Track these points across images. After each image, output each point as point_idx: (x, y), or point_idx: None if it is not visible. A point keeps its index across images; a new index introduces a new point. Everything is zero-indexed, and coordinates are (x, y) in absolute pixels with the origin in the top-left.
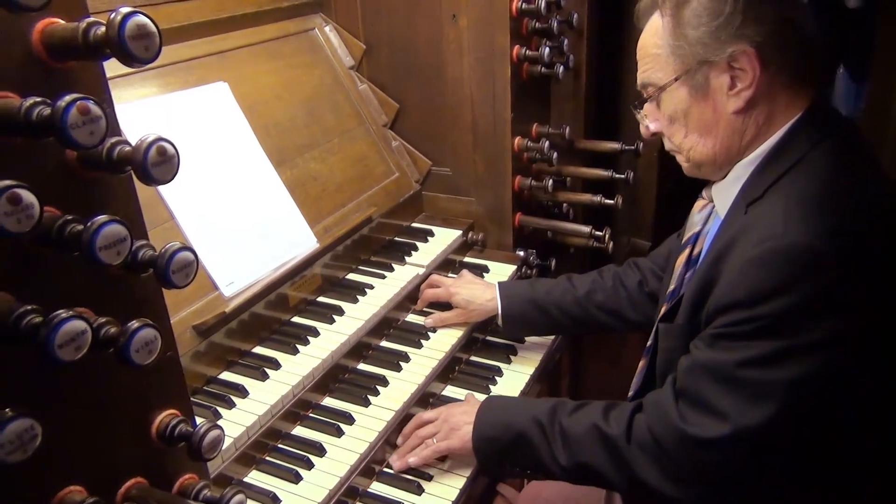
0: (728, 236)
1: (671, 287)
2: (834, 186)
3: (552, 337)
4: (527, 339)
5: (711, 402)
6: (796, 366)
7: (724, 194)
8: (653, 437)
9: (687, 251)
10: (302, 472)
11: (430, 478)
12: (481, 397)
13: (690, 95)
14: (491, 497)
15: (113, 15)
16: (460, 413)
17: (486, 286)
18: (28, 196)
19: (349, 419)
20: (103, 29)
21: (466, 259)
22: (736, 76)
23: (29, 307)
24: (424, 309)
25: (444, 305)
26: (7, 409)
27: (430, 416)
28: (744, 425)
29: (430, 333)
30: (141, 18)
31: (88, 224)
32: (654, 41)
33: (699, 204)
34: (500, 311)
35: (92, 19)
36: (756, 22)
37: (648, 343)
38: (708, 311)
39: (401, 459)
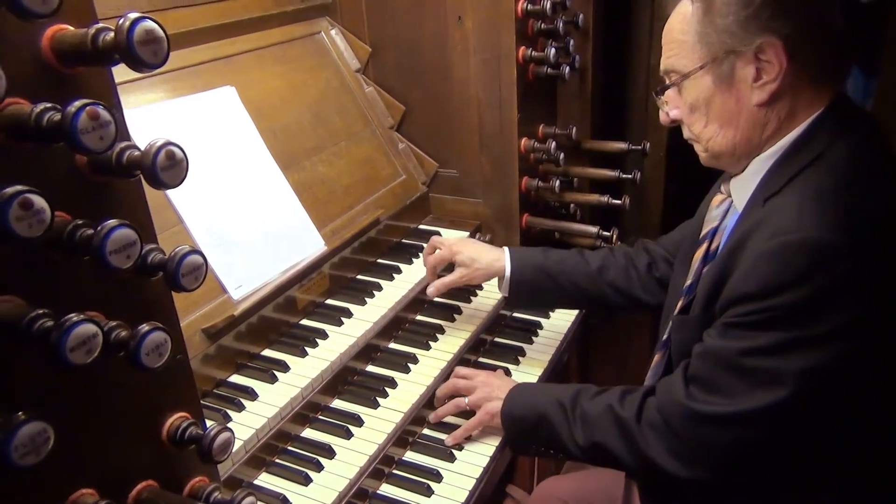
0: (744, 229)
1: (688, 281)
2: (851, 182)
3: (560, 339)
4: (535, 340)
5: (720, 385)
6: (805, 356)
7: (742, 188)
8: (661, 416)
9: (705, 246)
10: (311, 474)
11: (440, 479)
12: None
13: (714, 84)
14: (500, 499)
15: (121, 21)
16: (496, 387)
17: (490, 247)
18: (39, 201)
19: (358, 421)
20: (112, 35)
21: None
22: (762, 68)
23: (40, 311)
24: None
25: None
26: (20, 413)
27: (466, 372)
28: (749, 406)
29: (438, 335)
30: (149, 24)
31: (98, 228)
32: (681, 27)
33: (717, 198)
34: (508, 275)
35: (101, 25)
36: (786, 15)
37: (664, 337)
38: (721, 302)
39: (436, 419)
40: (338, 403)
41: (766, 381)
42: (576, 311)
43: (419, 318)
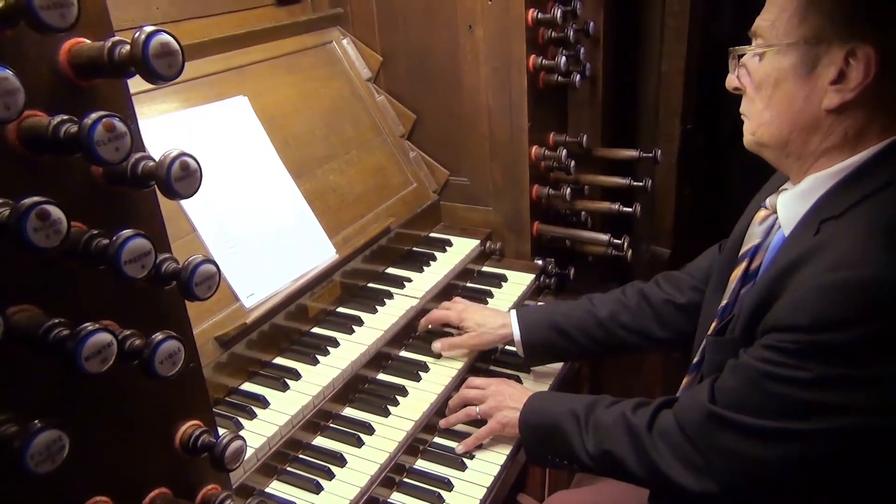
0: (796, 253)
1: (723, 302)
2: None
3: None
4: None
5: (747, 402)
6: (847, 395)
7: (792, 206)
8: (678, 422)
9: (744, 265)
10: (323, 482)
11: (451, 488)
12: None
13: (793, 67)
14: None
15: (137, 34)
16: (507, 396)
17: (497, 312)
18: (56, 212)
19: (369, 429)
20: (128, 48)
21: (485, 268)
22: (846, 72)
23: (56, 320)
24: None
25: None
26: (36, 421)
27: (479, 382)
28: (774, 426)
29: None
30: (164, 37)
31: (114, 238)
32: None
33: (760, 214)
34: (518, 340)
35: (117, 38)
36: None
37: (695, 359)
38: (765, 325)
39: (446, 426)
40: (349, 412)
41: (799, 412)
42: None
43: (430, 326)
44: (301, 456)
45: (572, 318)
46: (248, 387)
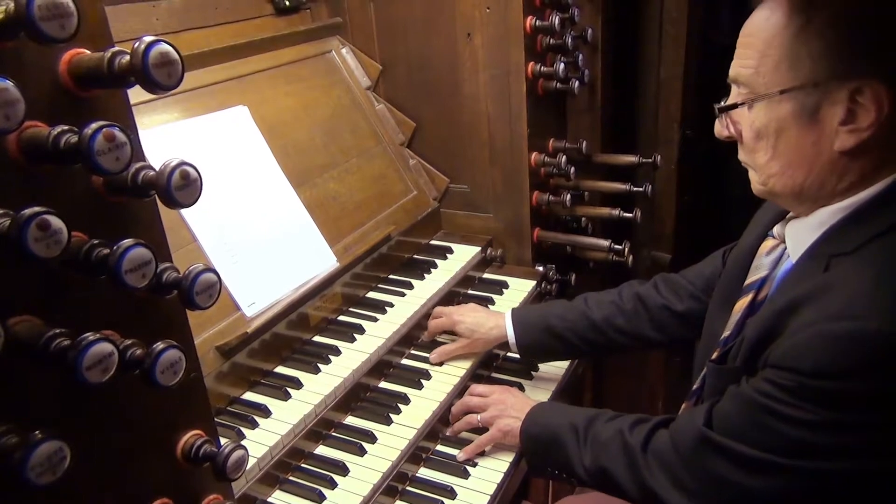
0: (804, 289)
1: (727, 332)
2: None
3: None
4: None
5: (744, 433)
6: (848, 438)
7: (800, 237)
8: (672, 442)
9: (750, 296)
10: (325, 491)
11: (454, 496)
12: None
13: (793, 116)
14: None
15: (137, 44)
16: (510, 405)
17: (490, 314)
18: (56, 222)
19: (371, 438)
20: (128, 58)
21: (486, 275)
22: (855, 111)
23: (57, 330)
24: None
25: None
26: (37, 432)
27: (481, 390)
28: (769, 460)
29: None
30: (164, 47)
31: (114, 248)
32: (767, 35)
33: (768, 244)
34: (514, 341)
35: (117, 49)
36: None
37: (695, 386)
38: (767, 359)
39: (451, 433)
40: (351, 420)
41: (792, 449)
42: None
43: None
44: (303, 465)
45: (567, 321)
46: (249, 396)
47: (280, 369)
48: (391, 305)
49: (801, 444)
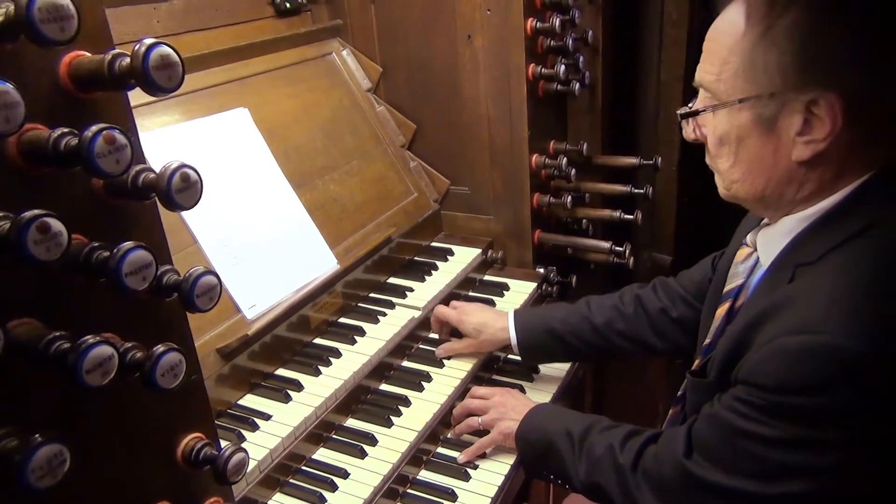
0: (768, 303)
1: (708, 340)
2: None
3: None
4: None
5: (722, 458)
6: (820, 456)
7: (770, 245)
8: (658, 467)
9: (728, 304)
10: (326, 494)
11: (454, 498)
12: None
13: (752, 124)
14: None
15: (137, 46)
16: (510, 407)
17: (498, 314)
18: (56, 224)
19: (372, 440)
20: (128, 60)
21: (486, 277)
22: (811, 122)
23: (57, 333)
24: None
25: (454, 335)
26: (37, 435)
27: (483, 392)
28: (749, 490)
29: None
30: (164, 49)
31: (115, 251)
32: (728, 42)
33: (742, 252)
34: (515, 343)
35: (117, 51)
36: (856, 67)
37: (679, 392)
38: (736, 375)
39: (453, 436)
40: (352, 423)
41: (768, 472)
42: None
43: (433, 335)
44: (304, 468)
45: (569, 324)
46: (250, 398)
47: (281, 371)
48: (392, 307)
49: (776, 466)
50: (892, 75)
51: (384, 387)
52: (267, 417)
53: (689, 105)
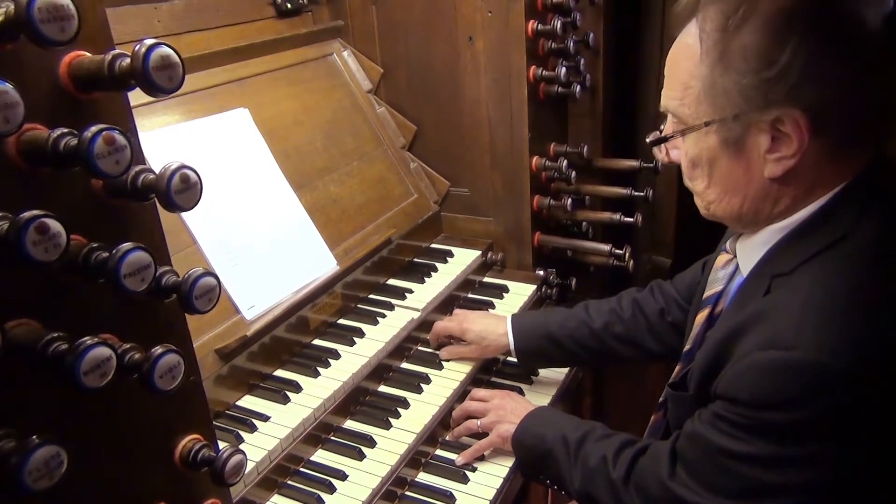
0: (744, 315)
1: (687, 346)
2: (872, 281)
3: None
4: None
5: (705, 477)
6: (800, 473)
7: (749, 253)
8: (646, 485)
9: (708, 310)
10: (324, 496)
11: (453, 501)
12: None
13: (720, 146)
14: None
15: (137, 47)
16: (509, 410)
17: (499, 320)
18: (55, 225)
19: (371, 442)
20: (128, 61)
21: (486, 279)
22: (779, 139)
23: (55, 334)
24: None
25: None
26: (34, 437)
27: (483, 395)
28: None
29: None
30: (165, 50)
31: (114, 252)
32: (687, 66)
33: (722, 258)
34: (512, 346)
35: (117, 52)
36: (815, 81)
37: (661, 398)
38: (715, 389)
39: (452, 438)
40: (350, 424)
41: (754, 492)
42: None
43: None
44: (302, 469)
45: (566, 328)
46: (248, 400)
47: (279, 373)
48: (391, 309)
49: (758, 484)
50: (851, 85)
51: (383, 388)
52: (265, 419)
53: (659, 129)
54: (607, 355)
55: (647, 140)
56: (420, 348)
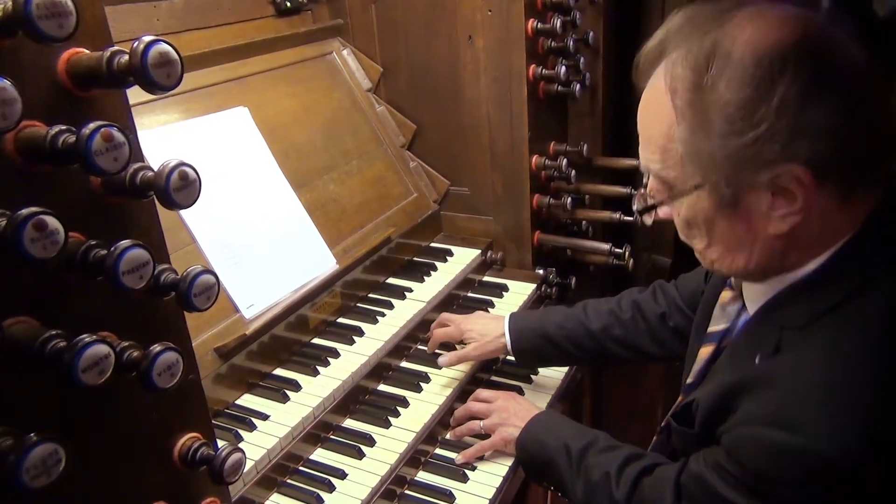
0: (751, 372)
1: (690, 380)
2: (885, 354)
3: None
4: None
5: None
6: None
7: (756, 295)
8: None
9: (713, 347)
10: (323, 494)
11: (452, 500)
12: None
13: (715, 208)
14: None
15: (136, 44)
16: (512, 413)
17: (497, 320)
18: (53, 222)
19: (370, 441)
20: (126, 58)
21: (486, 278)
22: (780, 195)
23: (53, 332)
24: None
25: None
26: (32, 434)
27: (486, 395)
28: None
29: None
30: (163, 46)
31: (112, 249)
32: (662, 129)
33: (727, 295)
34: (509, 345)
35: (115, 48)
36: (810, 133)
37: (663, 423)
38: (720, 436)
39: (454, 437)
40: (350, 423)
41: None
42: None
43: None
44: (301, 468)
45: (564, 329)
46: (247, 398)
47: (279, 372)
48: (391, 308)
49: None
50: (848, 125)
51: (382, 387)
52: (265, 417)
53: (642, 189)
54: (605, 356)
55: (635, 208)
56: (420, 347)
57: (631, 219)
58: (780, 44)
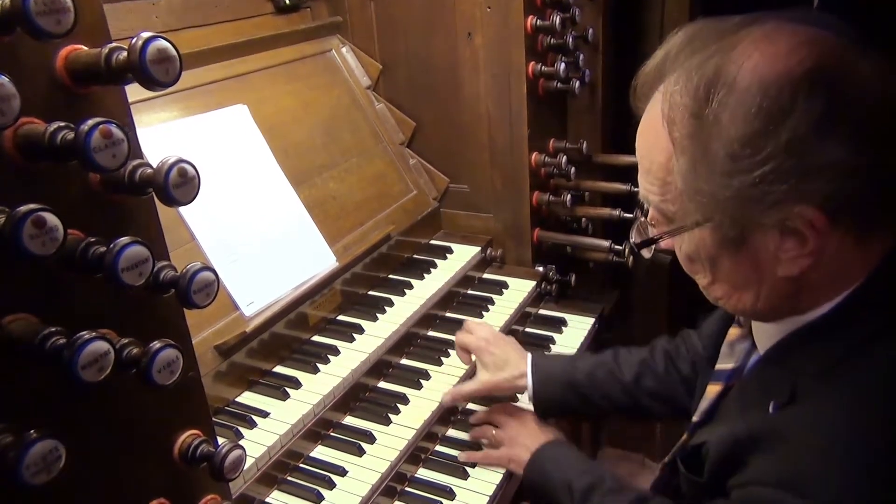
0: (763, 423)
1: (696, 418)
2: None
3: (573, 353)
4: (550, 354)
5: None
6: None
7: (766, 335)
8: None
9: (721, 386)
10: (324, 491)
11: (452, 496)
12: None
13: (719, 245)
14: None
15: (134, 40)
16: (524, 437)
17: (519, 356)
18: (52, 219)
19: (370, 438)
20: (125, 54)
21: (485, 275)
22: (789, 235)
23: (53, 329)
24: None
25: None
26: (31, 431)
27: (502, 420)
28: None
29: (450, 350)
30: (162, 43)
31: (111, 246)
32: (660, 160)
33: (734, 332)
34: (531, 394)
35: (114, 45)
36: (824, 171)
37: (667, 459)
38: (730, 490)
39: (471, 439)
40: (350, 420)
41: None
42: (589, 325)
43: (431, 333)
44: (302, 465)
45: (594, 378)
46: (248, 396)
47: (279, 369)
48: (391, 305)
49: None
50: (867, 170)
51: (383, 385)
52: (265, 415)
53: (642, 218)
54: (637, 411)
55: (633, 242)
56: (420, 344)
57: (631, 215)
58: (790, 72)
